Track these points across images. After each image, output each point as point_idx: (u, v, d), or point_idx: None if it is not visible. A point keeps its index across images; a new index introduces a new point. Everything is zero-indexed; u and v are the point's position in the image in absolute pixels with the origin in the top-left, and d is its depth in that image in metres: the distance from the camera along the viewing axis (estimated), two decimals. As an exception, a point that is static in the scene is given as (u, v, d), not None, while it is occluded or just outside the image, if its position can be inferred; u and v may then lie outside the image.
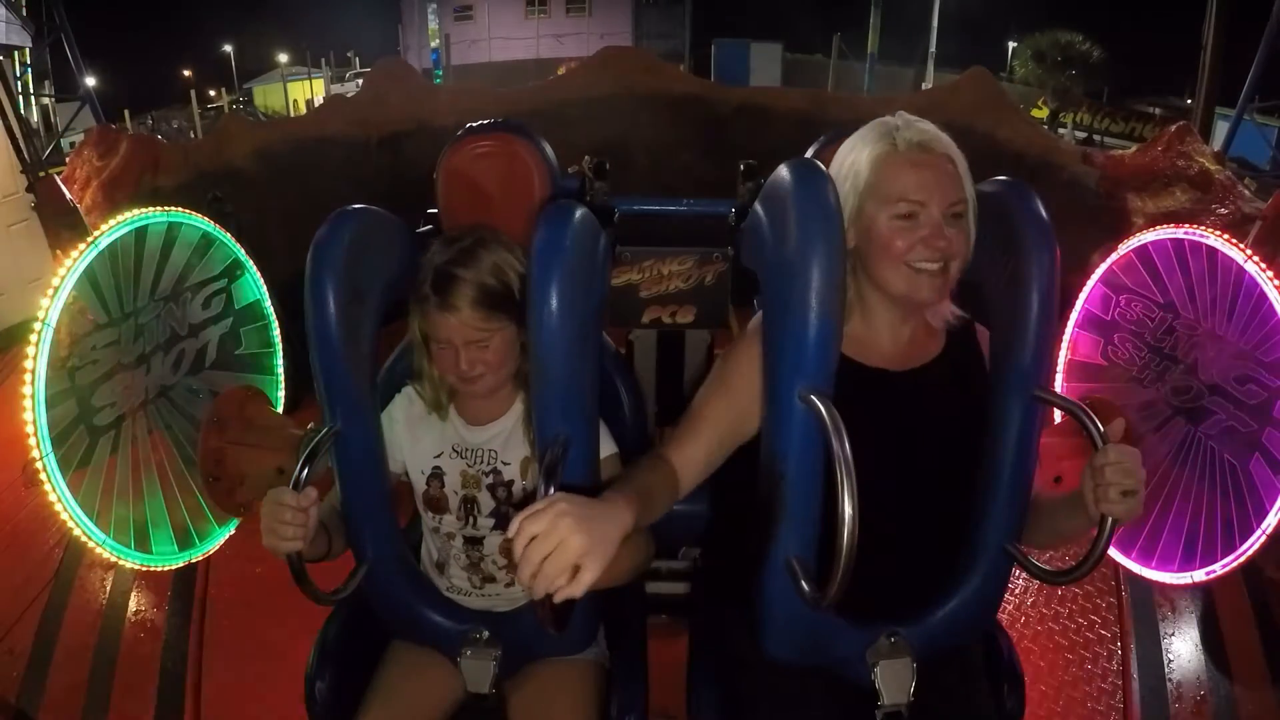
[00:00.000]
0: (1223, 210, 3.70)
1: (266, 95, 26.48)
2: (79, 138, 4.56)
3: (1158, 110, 18.14)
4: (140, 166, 4.07)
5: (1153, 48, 19.80)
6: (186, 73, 28.09)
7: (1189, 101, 13.53)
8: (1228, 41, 9.35)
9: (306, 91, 24.57)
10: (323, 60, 25.82)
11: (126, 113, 18.31)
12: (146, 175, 4.08)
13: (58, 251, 3.51)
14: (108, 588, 2.17)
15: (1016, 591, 2.21)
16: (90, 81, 8.91)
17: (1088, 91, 17.61)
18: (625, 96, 5.09)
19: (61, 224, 3.67)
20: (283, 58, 26.95)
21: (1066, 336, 1.68)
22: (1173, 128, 4.14)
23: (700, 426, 1.15)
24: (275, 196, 4.37)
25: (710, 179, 4.96)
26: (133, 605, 2.15)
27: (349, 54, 26.71)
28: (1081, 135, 16.71)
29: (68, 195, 3.76)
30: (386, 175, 4.83)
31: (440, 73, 20.27)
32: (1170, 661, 1.90)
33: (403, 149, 4.90)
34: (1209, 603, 2.02)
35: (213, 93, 25.09)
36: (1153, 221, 3.73)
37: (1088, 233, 3.75)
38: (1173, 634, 1.95)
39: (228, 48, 30.06)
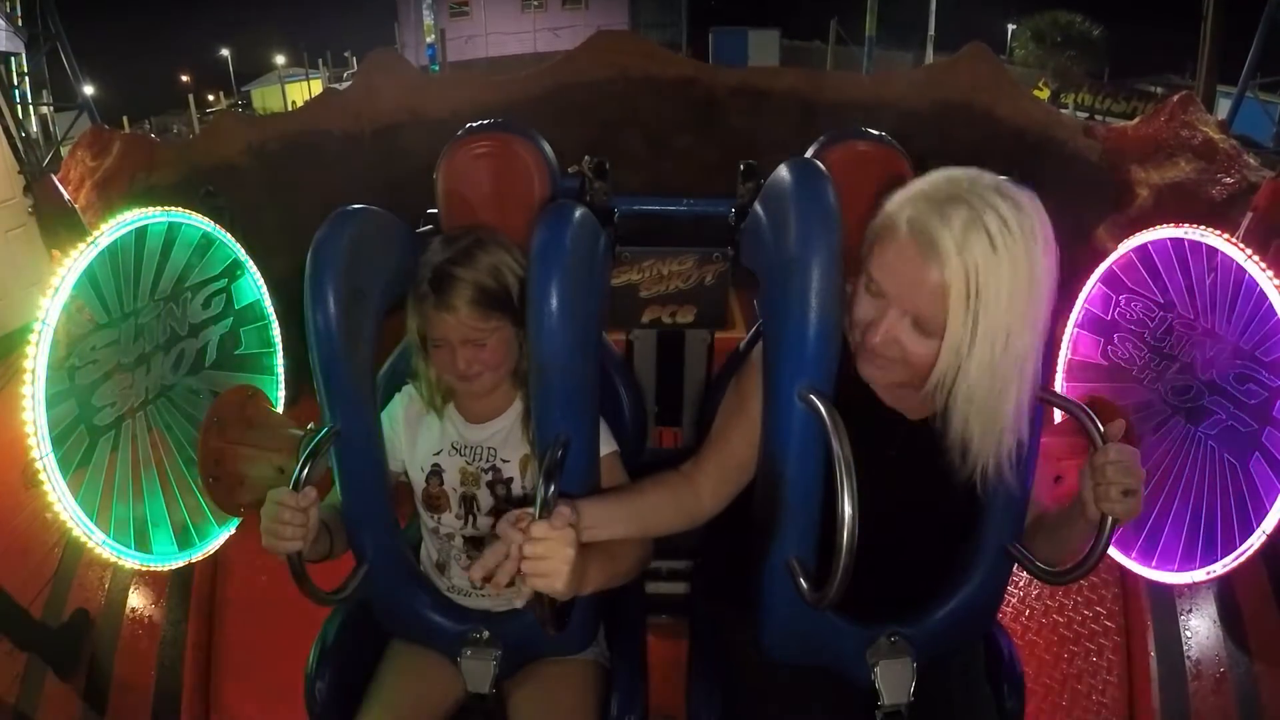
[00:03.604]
0: (1228, 180, 3.55)
1: (265, 97, 26.35)
2: (78, 144, 4.55)
3: (1159, 89, 17.86)
4: (134, 165, 4.05)
5: (1153, 27, 19.44)
6: (184, 78, 28.04)
7: (1190, 80, 13.39)
8: (1228, 17, 9.23)
9: (305, 92, 24.43)
10: (320, 61, 25.78)
11: (125, 119, 18.26)
12: (140, 173, 4.06)
13: (54, 251, 3.50)
14: (106, 587, 2.16)
15: (1019, 584, 2.20)
16: (88, 90, 8.88)
17: (1088, 72, 17.30)
18: (620, 80, 5.00)
19: (60, 224, 3.66)
20: (280, 60, 26.90)
21: (1067, 336, 1.68)
22: (1175, 97, 3.99)
23: (723, 450, 1.16)
24: (270, 191, 4.34)
25: (709, 162, 4.90)
26: (131, 604, 2.14)
27: (346, 54, 26.67)
28: (1083, 115, 16.56)
29: (65, 195, 3.75)
30: (381, 167, 4.78)
31: (437, 69, 20.20)
32: (1188, 639, 1.87)
33: (397, 140, 4.84)
34: (1226, 580, 1.99)
35: (211, 97, 25.08)
36: (1157, 192, 3.65)
37: (1091, 206, 3.69)
38: (1190, 610, 1.92)
39: (225, 51, 30.00)
